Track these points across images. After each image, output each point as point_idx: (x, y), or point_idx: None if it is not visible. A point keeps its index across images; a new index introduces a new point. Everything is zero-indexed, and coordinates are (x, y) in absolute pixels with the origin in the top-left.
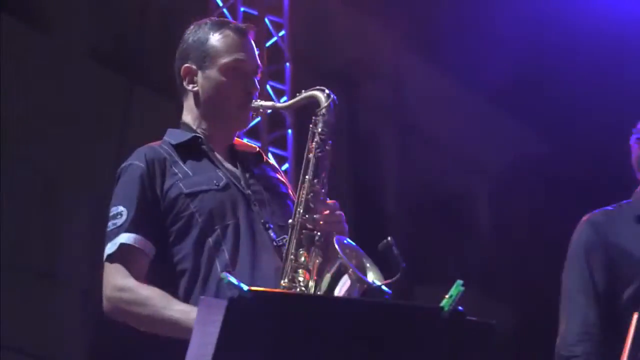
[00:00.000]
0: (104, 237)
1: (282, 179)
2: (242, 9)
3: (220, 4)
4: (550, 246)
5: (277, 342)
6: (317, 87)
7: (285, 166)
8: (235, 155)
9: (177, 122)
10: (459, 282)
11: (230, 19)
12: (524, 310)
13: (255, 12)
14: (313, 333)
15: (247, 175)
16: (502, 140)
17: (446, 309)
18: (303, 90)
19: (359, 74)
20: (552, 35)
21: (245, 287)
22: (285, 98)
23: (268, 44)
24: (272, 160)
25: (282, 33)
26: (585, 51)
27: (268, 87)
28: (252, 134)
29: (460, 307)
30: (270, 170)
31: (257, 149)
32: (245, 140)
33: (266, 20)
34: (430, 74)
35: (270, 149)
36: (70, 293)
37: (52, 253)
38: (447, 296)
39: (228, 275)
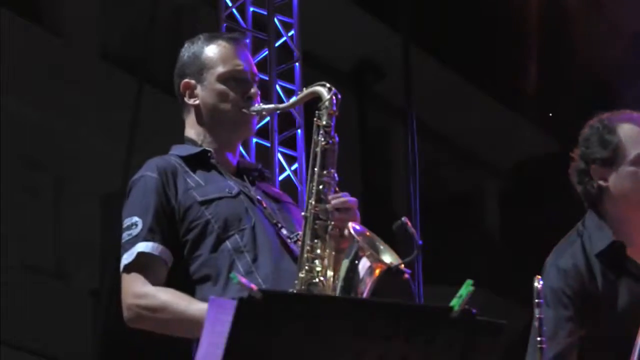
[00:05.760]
0: (120, 248)
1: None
2: (251, 8)
3: (230, 4)
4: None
5: (287, 343)
6: (319, 83)
7: (295, 166)
8: (240, 170)
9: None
10: (469, 281)
11: (239, 19)
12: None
13: (265, 12)
14: (322, 333)
15: (254, 187)
16: (513, 140)
17: (456, 308)
18: (304, 88)
19: (368, 73)
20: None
21: (255, 287)
22: (294, 98)
23: (277, 43)
24: (282, 160)
25: (291, 33)
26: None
27: (277, 87)
28: (262, 134)
29: (470, 307)
30: (272, 186)
31: (259, 167)
32: (255, 141)
33: (275, 20)
34: (441, 73)
35: (280, 148)
36: (79, 293)
37: (61, 253)
38: (457, 296)
39: (237, 275)
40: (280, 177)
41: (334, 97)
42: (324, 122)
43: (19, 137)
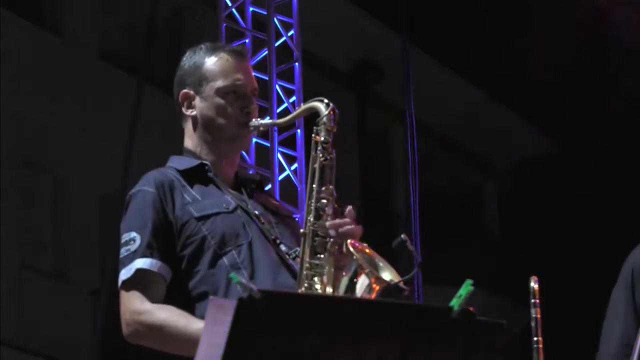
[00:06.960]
0: (118, 264)
1: (283, 205)
2: (251, 8)
3: (230, 4)
4: (560, 245)
5: (287, 343)
6: (316, 98)
7: (295, 166)
8: (238, 181)
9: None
10: (469, 281)
11: (239, 19)
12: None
13: (264, 12)
14: (322, 333)
15: (252, 200)
16: (513, 140)
17: (456, 308)
18: (302, 103)
19: (368, 73)
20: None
21: (255, 288)
22: (294, 98)
23: (277, 43)
24: (282, 160)
25: (291, 33)
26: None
27: (277, 87)
28: (262, 134)
29: (469, 307)
30: (271, 198)
31: (259, 177)
32: (254, 141)
33: (275, 20)
34: (441, 73)
35: (280, 148)
36: (79, 293)
37: (61, 253)
38: (456, 296)
39: (237, 275)
40: (280, 177)
41: (332, 113)
42: (322, 138)
43: (19, 137)
